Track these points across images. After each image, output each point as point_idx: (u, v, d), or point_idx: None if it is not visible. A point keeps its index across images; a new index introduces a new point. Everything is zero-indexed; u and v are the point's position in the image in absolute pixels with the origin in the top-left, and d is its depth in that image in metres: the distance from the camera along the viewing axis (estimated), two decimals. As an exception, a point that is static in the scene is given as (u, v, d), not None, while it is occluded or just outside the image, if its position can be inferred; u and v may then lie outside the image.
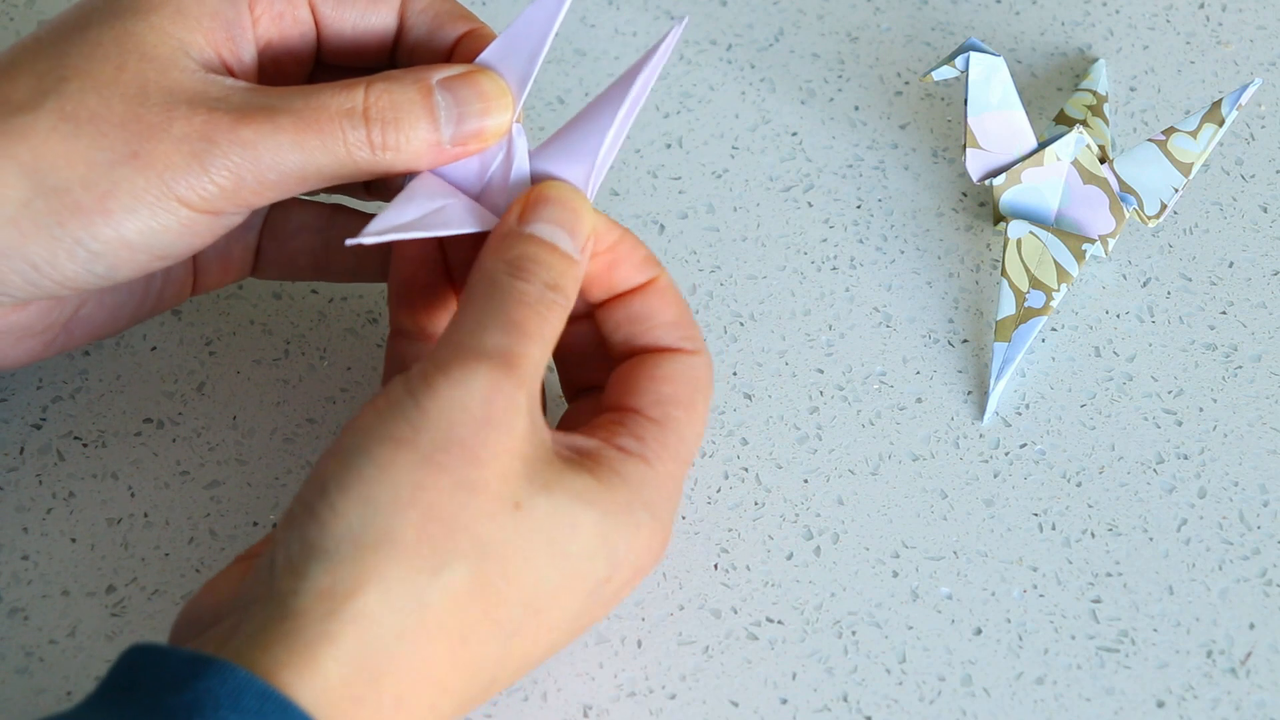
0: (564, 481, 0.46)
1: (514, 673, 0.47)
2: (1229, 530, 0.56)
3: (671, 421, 0.49)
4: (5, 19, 0.66)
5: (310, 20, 0.52)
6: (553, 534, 0.46)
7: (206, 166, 0.47)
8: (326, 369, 0.59)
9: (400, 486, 0.45)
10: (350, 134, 0.48)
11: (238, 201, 0.48)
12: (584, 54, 0.66)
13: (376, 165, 0.49)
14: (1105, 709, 0.52)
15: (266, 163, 0.48)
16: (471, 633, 0.45)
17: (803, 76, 0.66)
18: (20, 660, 0.53)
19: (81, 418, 0.57)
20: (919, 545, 0.55)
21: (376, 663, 0.43)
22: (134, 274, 0.49)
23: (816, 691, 0.53)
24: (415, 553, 0.44)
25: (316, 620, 0.43)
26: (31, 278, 0.48)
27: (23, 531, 0.55)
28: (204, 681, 0.42)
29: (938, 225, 0.62)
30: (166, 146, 0.47)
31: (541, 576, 0.46)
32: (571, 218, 0.49)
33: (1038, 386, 0.58)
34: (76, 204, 0.47)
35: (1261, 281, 0.61)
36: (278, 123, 0.48)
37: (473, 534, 0.45)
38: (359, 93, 0.49)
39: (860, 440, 0.57)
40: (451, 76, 0.50)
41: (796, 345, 0.59)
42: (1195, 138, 0.58)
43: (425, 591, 0.44)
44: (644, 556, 0.49)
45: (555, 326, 0.48)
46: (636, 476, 0.48)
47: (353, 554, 0.44)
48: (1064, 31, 0.67)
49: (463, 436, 0.45)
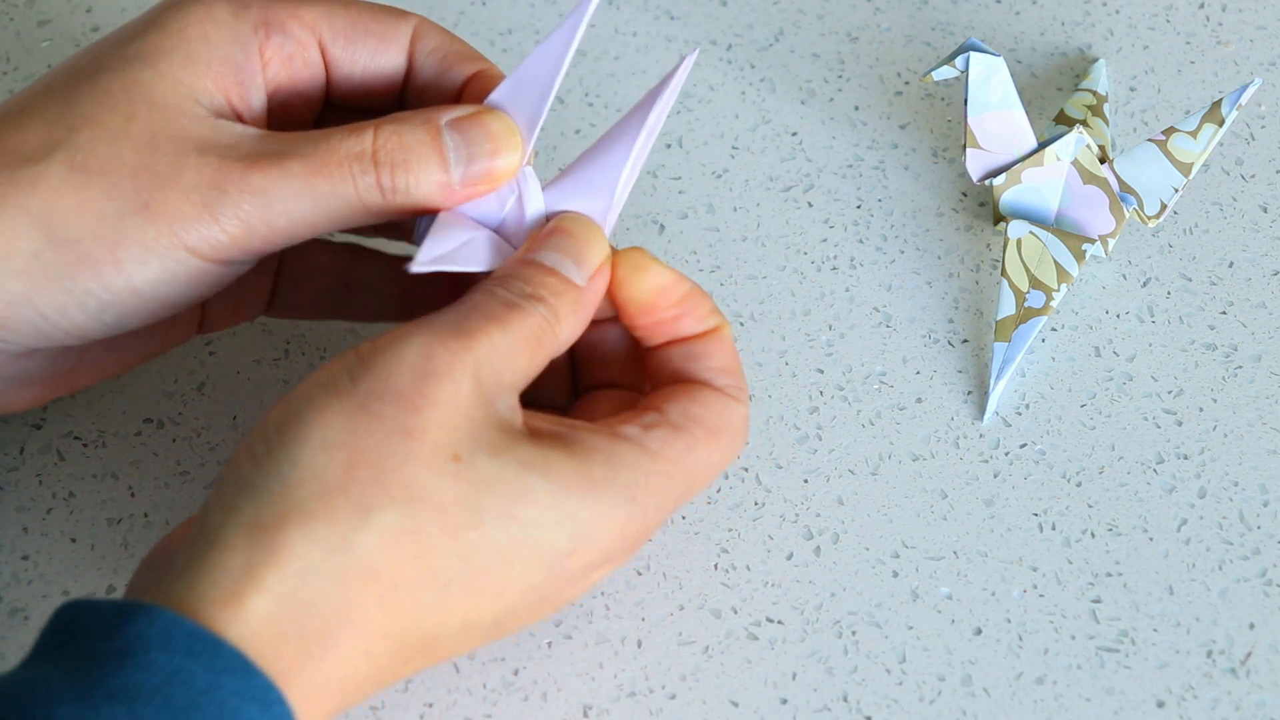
0: (516, 450, 0.46)
1: (458, 633, 0.46)
2: (1229, 530, 0.56)
3: (689, 434, 0.49)
4: (5, 19, 0.66)
5: (320, 62, 0.52)
6: (500, 495, 0.46)
7: (217, 216, 0.47)
8: (326, 369, 0.59)
9: (331, 428, 0.45)
10: (360, 178, 0.48)
11: (248, 250, 0.48)
12: (584, 54, 0.66)
13: (388, 208, 0.49)
14: (1105, 709, 0.52)
15: (278, 209, 0.48)
16: (402, 578, 0.45)
17: (803, 76, 0.66)
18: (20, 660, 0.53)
19: (81, 418, 0.57)
20: (919, 545, 0.55)
21: (302, 599, 0.43)
22: (143, 323, 0.49)
23: (816, 691, 0.53)
24: (342, 492, 0.44)
25: (242, 554, 0.43)
26: (41, 327, 0.48)
27: (23, 531, 0.55)
28: (133, 626, 0.42)
29: (938, 225, 0.62)
30: (177, 196, 0.47)
31: (486, 535, 0.45)
32: (579, 247, 0.49)
33: (1038, 386, 0.58)
34: (87, 255, 0.47)
35: (1261, 281, 0.61)
36: (287, 168, 0.48)
37: (404, 478, 0.45)
38: (368, 136, 0.49)
39: (860, 440, 0.57)
40: (460, 117, 0.50)
41: (796, 345, 0.59)
42: (1195, 138, 0.58)
43: (352, 532, 0.44)
44: (614, 541, 0.48)
45: (529, 328, 0.48)
46: (625, 459, 0.48)
47: (280, 491, 0.44)
48: (1064, 31, 0.67)
49: (400, 386, 0.45)
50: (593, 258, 0.49)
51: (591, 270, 0.49)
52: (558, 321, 0.48)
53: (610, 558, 0.48)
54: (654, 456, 0.48)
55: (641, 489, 0.48)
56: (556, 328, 0.48)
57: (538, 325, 0.48)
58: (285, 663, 0.43)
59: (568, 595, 0.49)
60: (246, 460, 0.45)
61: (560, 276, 0.49)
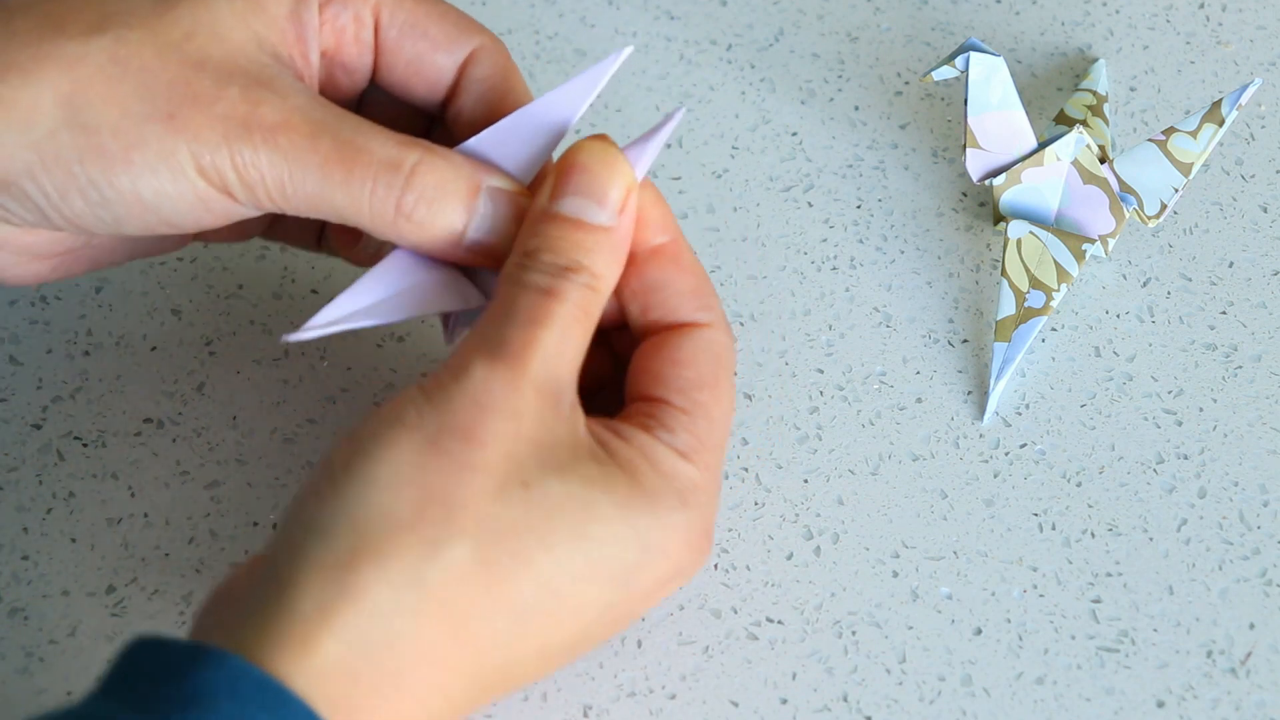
0: (579, 467, 0.46)
1: (535, 659, 0.46)
2: (1229, 530, 0.56)
3: (699, 408, 0.49)
4: (5, 19, 0.66)
5: (371, 43, 0.52)
6: (569, 516, 0.46)
7: (233, 150, 0.47)
8: (326, 369, 0.59)
9: (401, 465, 0.45)
10: (381, 187, 0.48)
11: (251, 197, 0.48)
12: (584, 54, 0.66)
13: (392, 228, 0.49)
14: (1105, 709, 0.52)
15: (287, 175, 0.48)
16: (475, 610, 0.44)
17: (803, 76, 0.66)
18: (20, 660, 0.53)
19: (81, 418, 0.57)
20: (919, 545, 0.55)
21: (374, 639, 0.43)
22: (140, 232, 0.49)
23: (816, 691, 0.53)
24: (413, 530, 0.44)
25: (312, 596, 0.43)
26: (42, 206, 0.48)
27: (23, 531, 0.55)
28: (203, 672, 0.42)
29: (938, 225, 0.62)
30: (204, 119, 0.47)
31: (559, 558, 0.45)
32: (599, 183, 0.48)
33: (1038, 386, 0.58)
34: (101, 147, 0.47)
35: (1261, 281, 0.61)
36: (316, 143, 0.48)
37: (474, 512, 0.45)
38: (412, 155, 0.48)
39: (860, 440, 0.57)
40: (501, 190, 0.49)
41: (796, 345, 0.59)
42: (1195, 138, 0.58)
43: (424, 568, 0.44)
44: (679, 549, 0.47)
45: (575, 308, 0.47)
46: (668, 466, 0.47)
47: (350, 530, 0.44)
48: (1064, 31, 0.67)
49: (463, 422, 0.45)
50: (616, 190, 0.48)
51: (618, 204, 0.48)
52: (598, 280, 0.48)
53: (679, 566, 0.48)
54: (688, 453, 0.48)
55: (689, 490, 0.48)
56: (600, 289, 0.48)
57: (582, 299, 0.47)
58: (357, 702, 0.43)
59: (639, 608, 0.48)
60: (313, 500, 0.45)
61: (587, 227, 0.48)
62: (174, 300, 0.60)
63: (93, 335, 0.59)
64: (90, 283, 0.60)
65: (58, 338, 0.59)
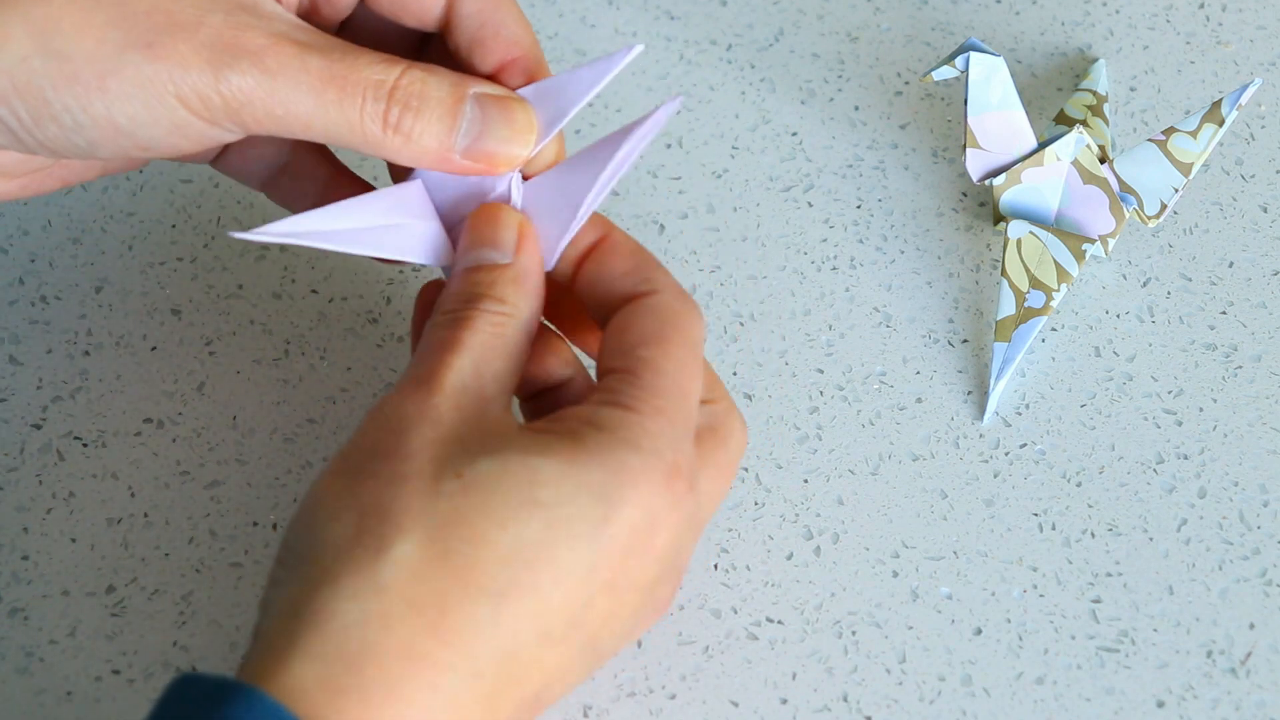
0: (512, 442, 0.46)
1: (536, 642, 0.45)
2: (1229, 530, 0.56)
3: (640, 363, 0.48)
4: (5, 19, 0.66)
5: None
6: (512, 487, 0.45)
7: (219, 76, 0.47)
8: (326, 369, 0.59)
9: (332, 501, 0.45)
10: (370, 104, 0.48)
11: (237, 121, 0.48)
12: (584, 54, 0.66)
13: (383, 144, 0.49)
14: (1105, 709, 0.52)
15: (279, 97, 0.48)
16: (447, 601, 0.44)
17: (803, 76, 0.66)
18: (20, 660, 0.53)
19: (81, 418, 0.57)
20: (919, 545, 0.55)
21: (349, 651, 0.43)
22: (114, 154, 0.49)
23: (816, 691, 0.53)
24: (356, 544, 0.44)
25: (282, 633, 0.44)
26: (15, 130, 0.48)
27: (23, 531, 0.55)
28: (231, 708, 0.42)
29: (938, 225, 0.62)
30: (186, 45, 0.47)
31: (516, 531, 0.45)
32: (487, 231, 0.50)
33: (1038, 386, 0.58)
34: (75, 74, 0.47)
35: (1261, 281, 0.61)
36: (306, 63, 0.48)
37: (412, 512, 0.45)
38: (395, 70, 0.49)
39: (860, 440, 0.57)
40: (488, 94, 0.50)
41: (796, 345, 0.59)
42: (1195, 138, 0.58)
43: (377, 573, 0.44)
44: (646, 493, 0.46)
45: (485, 331, 0.48)
46: (611, 420, 0.47)
47: (301, 570, 0.45)
48: (1064, 31, 0.67)
49: (383, 446, 0.46)
50: (505, 233, 0.50)
51: (511, 243, 0.49)
52: (506, 306, 0.48)
53: (656, 512, 0.46)
54: (632, 404, 0.47)
55: (640, 435, 0.46)
56: (510, 313, 0.48)
57: (492, 323, 0.48)
58: (349, 714, 0.43)
59: (643, 571, 0.47)
60: (276, 568, 0.46)
61: (485, 267, 0.49)
62: (174, 300, 0.60)
63: (93, 335, 0.59)
64: (90, 283, 0.60)
65: (58, 338, 0.59)
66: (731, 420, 0.50)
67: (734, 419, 0.50)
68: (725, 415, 0.50)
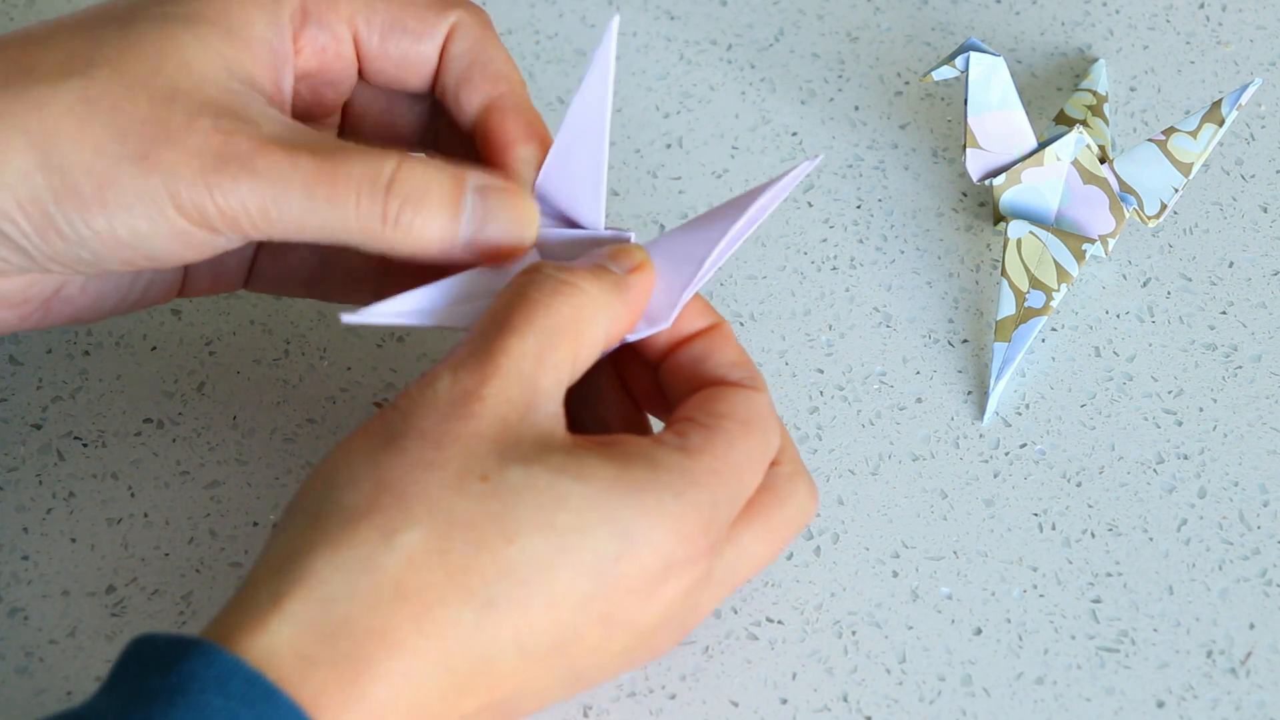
0: (548, 457, 0.46)
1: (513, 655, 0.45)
2: (1229, 530, 0.56)
3: (723, 430, 0.48)
4: (5, 19, 0.66)
5: (353, 55, 0.52)
6: (533, 504, 0.45)
7: (211, 186, 0.47)
8: (326, 369, 0.59)
9: (356, 464, 0.45)
10: (365, 200, 0.48)
11: (234, 228, 0.48)
12: (584, 54, 0.66)
13: (384, 239, 0.48)
14: (1105, 709, 0.52)
15: (271, 200, 0.47)
16: (435, 597, 0.44)
17: (803, 76, 0.66)
18: (20, 660, 0.53)
19: (81, 418, 0.57)
20: (919, 545, 0.55)
21: (328, 623, 0.43)
22: (122, 268, 0.49)
23: (816, 691, 0.53)
24: (366, 518, 0.44)
25: (268, 585, 0.44)
26: (24, 246, 0.48)
27: (23, 531, 0.55)
28: (188, 663, 0.43)
29: (938, 225, 0.62)
30: (178, 155, 0.47)
31: (522, 547, 0.45)
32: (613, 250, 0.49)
33: (1038, 386, 0.58)
34: (74, 187, 0.47)
35: (1261, 281, 0.61)
36: (296, 163, 0.47)
37: (429, 503, 0.45)
38: (389, 163, 0.48)
39: (860, 440, 0.57)
40: (489, 186, 0.49)
41: (796, 345, 0.59)
42: (1195, 138, 0.58)
43: (377, 553, 0.44)
44: (671, 543, 0.46)
45: (560, 319, 0.47)
46: (666, 460, 0.47)
47: (308, 525, 0.45)
48: (1064, 31, 0.67)
49: (422, 425, 0.46)
50: (627, 256, 0.49)
51: (629, 264, 0.49)
52: (593, 305, 0.48)
53: (673, 562, 0.47)
54: (696, 453, 0.47)
55: (688, 485, 0.47)
56: (593, 312, 0.48)
57: (571, 313, 0.47)
58: (315, 685, 0.43)
59: (642, 613, 0.47)
60: (285, 515, 0.46)
61: (593, 267, 0.48)
62: (174, 300, 0.60)
63: (93, 335, 0.59)
64: (90, 283, 0.60)
65: (58, 338, 0.59)
66: (795, 485, 0.50)
67: (799, 484, 0.50)
68: (788, 479, 0.50)
